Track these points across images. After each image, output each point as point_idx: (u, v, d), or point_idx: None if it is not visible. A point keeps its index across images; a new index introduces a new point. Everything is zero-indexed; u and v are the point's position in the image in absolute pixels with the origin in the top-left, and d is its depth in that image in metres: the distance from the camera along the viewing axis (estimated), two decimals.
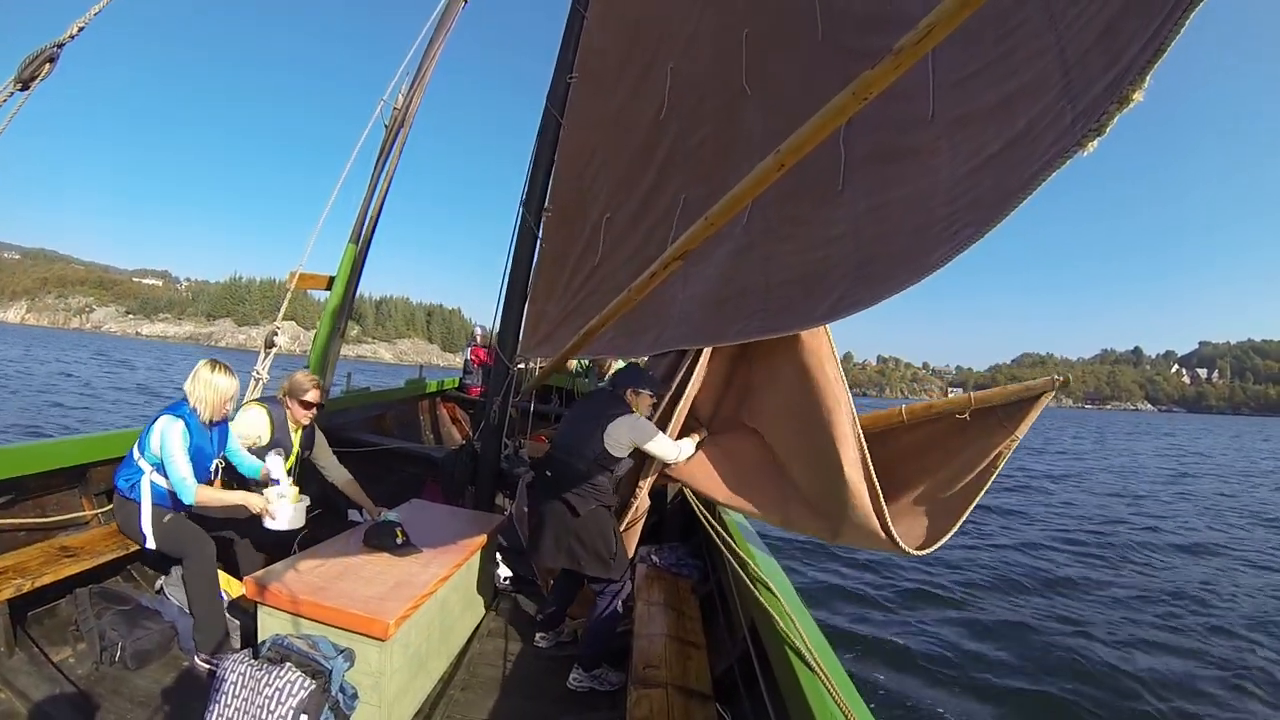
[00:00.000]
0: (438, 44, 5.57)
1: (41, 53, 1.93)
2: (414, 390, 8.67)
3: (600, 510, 3.50)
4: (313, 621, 2.74)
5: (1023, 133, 1.21)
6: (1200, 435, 63.59)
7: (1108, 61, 1.01)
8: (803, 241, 2.05)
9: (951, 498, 2.76)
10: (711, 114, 3.00)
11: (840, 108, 1.28)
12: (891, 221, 1.64)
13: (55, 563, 3.10)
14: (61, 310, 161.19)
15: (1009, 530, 11.98)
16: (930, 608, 7.61)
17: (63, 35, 1.97)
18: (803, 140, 1.40)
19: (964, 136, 1.42)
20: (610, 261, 3.67)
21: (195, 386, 3.34)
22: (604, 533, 3.47)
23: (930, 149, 1.54)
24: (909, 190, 1.60)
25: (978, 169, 1.32)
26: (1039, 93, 1.18)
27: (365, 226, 5.34)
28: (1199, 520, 14.45)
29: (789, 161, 1.45)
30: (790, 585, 3.13)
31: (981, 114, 1.38)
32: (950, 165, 1.44)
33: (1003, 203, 1.16)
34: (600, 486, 3.48)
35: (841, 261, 1.78)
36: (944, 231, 1.34)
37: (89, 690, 2.90)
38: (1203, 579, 9.38)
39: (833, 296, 1.77)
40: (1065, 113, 1.07)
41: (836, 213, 1.89)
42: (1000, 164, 1.26)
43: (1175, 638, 6.96)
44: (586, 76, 4.31)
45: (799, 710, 2.14)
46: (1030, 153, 1.15)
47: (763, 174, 1.51)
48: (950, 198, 1.39)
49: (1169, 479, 22.94)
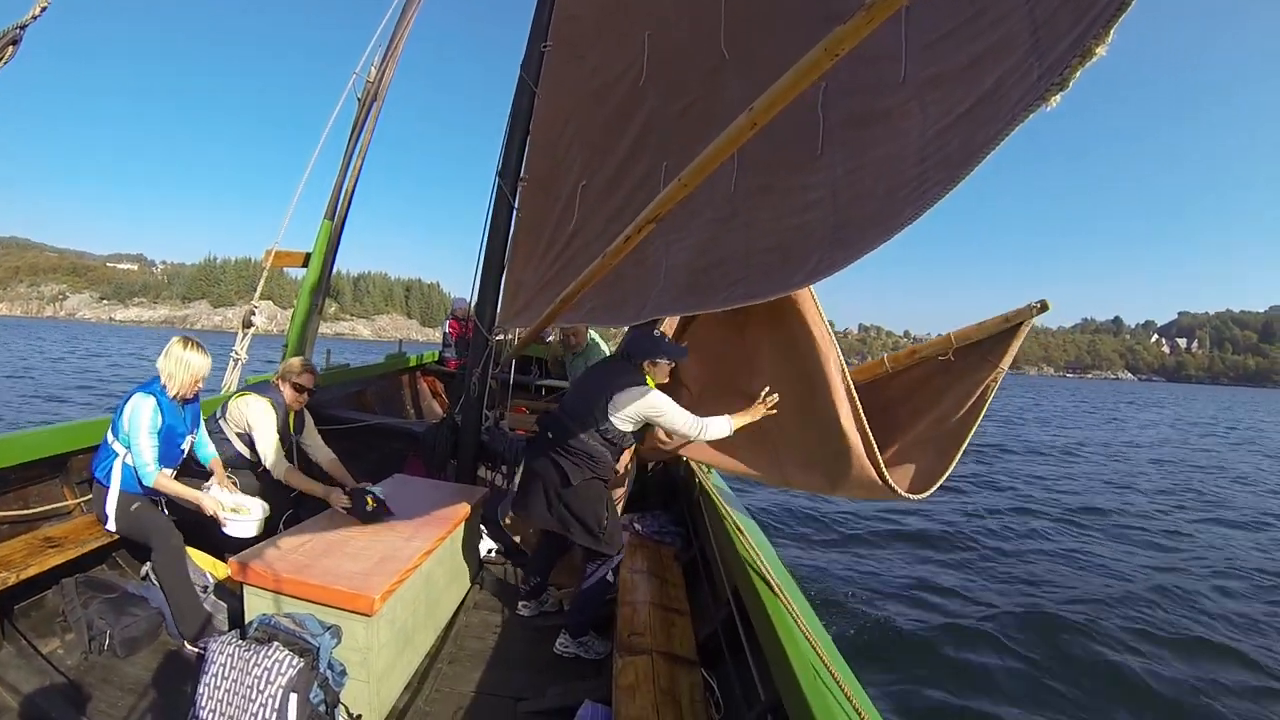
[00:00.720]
0: (409, 15, 5.46)
1: (4, 35, 1.85)
2: (394, 365, 8.61)
3: (594, 483, 3.41)
4: (299, 600, 2.74)
5: (990, 90, 1.21)
6: (1189, 404, 63.89)
7: (1075, 18, 1.01)
8: (782, 208, 2.05)
9: (942, 438, 2.82)
10: (693, 82, 2.97)
11: (812, 64, 1.27)
12: (865, 184, 1.63)
13: (40, 554, 3.07)
14: (34, 299, 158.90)
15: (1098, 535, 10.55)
16: (916, 567, 7.75)
17: (25, 16, 1.90)
18: (774, 98, 1.38)
19: (934, 98, 1.42)
20: (587, 229, 3.65)
21: (167, 363, 3.34)
22: (595, 506, 3.39)
23: (902, 111, 1.53)
24: (882, 153, 1.60)
25: (947, 128, 1.32)
26: (1007, 51, 1.17)
27: (341, 202, 5.27)
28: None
29: (761, 120, 1.44)
30: (773, 550, 3.17)
31: (952, 74, 1.38)
32: (921, 126, 1.43)
33: (968, 159, 1.17)
34: (598, 459, 3.37)
35: (819, 226, 1.78)
36: (913, 192, 1.34)
37: (79, 680, 2.89)
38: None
39: (811, 261, 1.78)
40: (1032, 69, 1.07)
41: (814, 178, 1.89)
42: (968, 122, 1.26)
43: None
44: (561, 44, 4.24)
45: (782, 673, 2.18)
46: (997, 110, 1.15)
47: (735, 133, 1.49)
48: (920, 158, 1.39)
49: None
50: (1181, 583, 7.56)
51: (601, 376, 3.48)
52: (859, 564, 7.79)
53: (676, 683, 2.64)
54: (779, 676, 2.24)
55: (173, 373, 3.33)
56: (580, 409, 3.41)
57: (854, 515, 9.81)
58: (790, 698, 2.08)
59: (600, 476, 3.41)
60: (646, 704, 2.47)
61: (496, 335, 4.70)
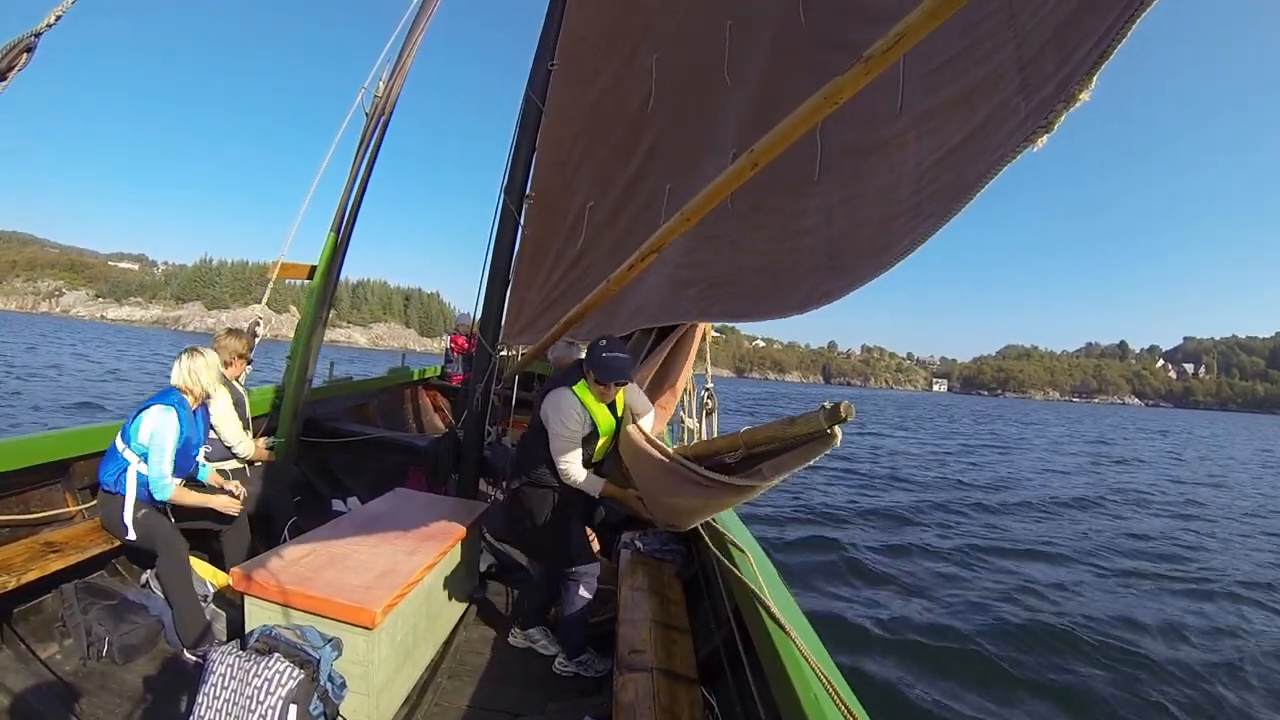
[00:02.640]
0: (418, 31, 5.53)
1: (19, 42, 1.85)
2: (397, 379, 8.64)
3: (529, 490, 3.40)
4: (300, 611, 2.75)
5: (980, 125, 1.24)
6: (1202, 429, 62.11)
7: (1059, 60, 1.05)
8: (776, 230, 2.08)
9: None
10: (695, 106, 3.04)
11: (811, 110, 1.31)
12: (861, 214, 1.67)
13: (40, 559, 3.08)
14: (30, 294, 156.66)
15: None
16: (920, 595, 7.63)
17: (40, 24, 1.90)
18: (774, 141, 1.43)
19: (929, 129, 1.45)
20: (592, 252, 3.71)
21: (182, 374, 3.37)
22: (534, 514, 3.39)
23: (898, 142, 1.57)
24: (878, 183, 1.63)
25: (940, 160, 1.36)
26: (996, 87, 1.21)
27: (346, 216, 5.32)
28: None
29: (762, 161, 1.49)
30: (773, 569, 3.15)
31: (946, 106, 1.41)
32: (916, 157, 1.47)
33: (961, 194, 1.20)
34: (535, 462, 3.35)
35: (812, 252, 1.81)
36: (908, 224, 1.38)
37: (77, 685, 2.90)
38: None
39: (804, 287, 1.81)
40: (1020, 108, 1.11)
41: (810, 203, 1.92)
42: (960, 156, 1.29)
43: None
44: (567, 63, 4.30)
45: (783, 690, 2.17)
46: (986, 145, 1.18)
47: (736, 173, 1.54)
48: (915, 189, 1.42)
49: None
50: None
51: (549, 381, 3.48)
52: (864, 587, 7.74)
53: (677, 700, 2.61)
54: (779, 694, 2.22)
55: (189, 385, 3.37)
56: (534, 418, 3.44)
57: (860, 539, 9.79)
58: (790, 715, 2.07)
59: (538, 483, 3.37)
60: None
61: (501, 351, 4.73)
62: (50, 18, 1.95)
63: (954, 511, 12.50)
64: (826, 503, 12.01)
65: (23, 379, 21.38)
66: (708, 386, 4.59)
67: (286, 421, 5.01)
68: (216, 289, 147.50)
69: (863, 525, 10.56)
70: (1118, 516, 13.48)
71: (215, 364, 3.46)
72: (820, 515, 10.92)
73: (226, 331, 4.25)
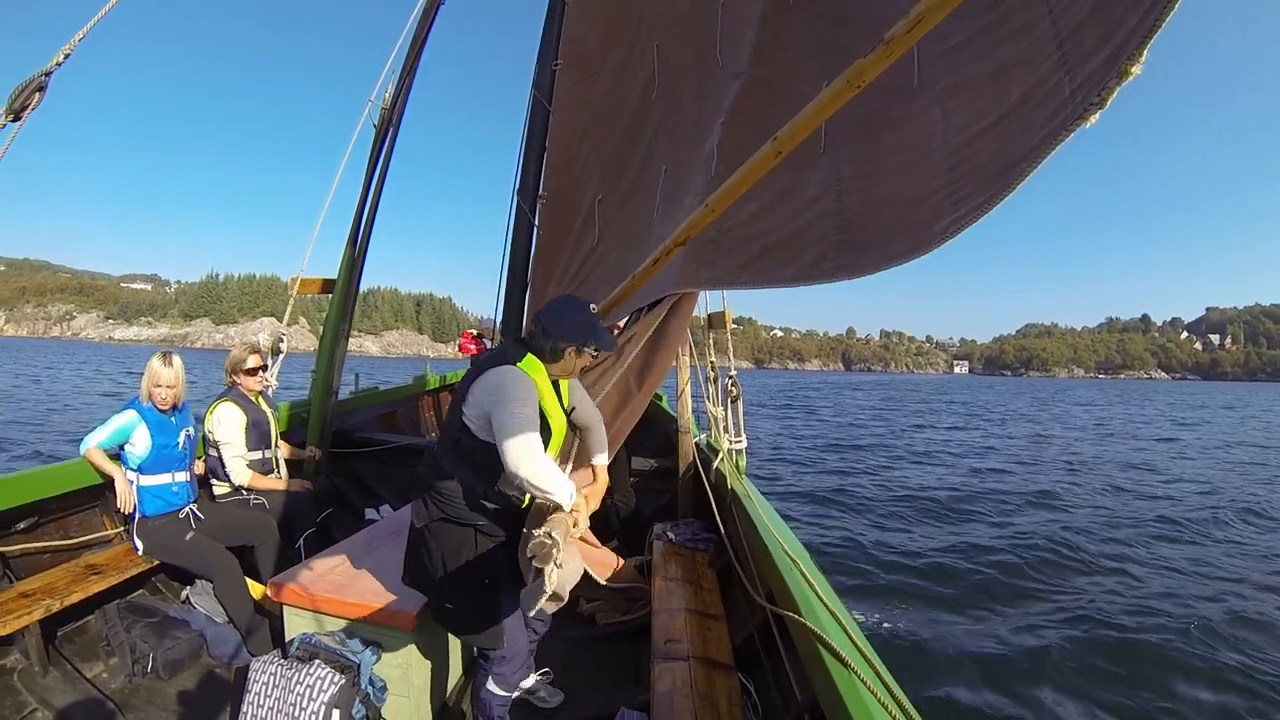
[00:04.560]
0: (420, 41, 5.55)
1: (31, 82, 1.93)
2: (422, 385, 8.73)
3: (447, 527, 2.42)
4: (338, 618, 2.79)
5: (1018, 103, 1.22)
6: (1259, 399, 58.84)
7: (1103, 35, 1.02)
8: (770, 202, 2.07)
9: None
10: (690, 88, 3.06)
11: (835, 94, 1.30)
12: (880, 190, 1.65)
13: (82, 581, 3.17)
14: (41, 319, 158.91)
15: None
16: (952, 583, 7.40)
17: (50, 63, 1.97)
18: (798, 128, 1.42)
19: (955, 106, 1.44)
20: (605, 242, 3.72)
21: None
22: (444, 563, 2.42)
23: (922, 118, 1.55)
24: (903, 159, 1.61)
25: (974, 139, 1.34)
26: (1032, 64, 1.19)
27: (362, 229, 5.35)
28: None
29: (786, 149, 1.48)
30: (807, 554, 3.16)
31: (973, 83, 1.40)
32: (944, 134, 1.45)
33: (1007, 173, 1.18)
34: (450, 489, 2.40)
35: (817, 223, 1.79)
36: (945, 201, 1.35)
37: (124, 702, 2.97)
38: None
39: (805, 258, 1.79)
40: (1063, 85, 1.09)
41: (812, 176, 1.91)
42: (999, 134, 1.27)
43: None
44: (571, 62, 4.31)
45: (819, 673, 2.16)
46: (1029, 124, 1.16)
47: (760, 161, 1.53)
48: (949, 166, 1.40)
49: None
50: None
51: (472, 372, 2.43)
52: (906, 571, 7.64)
53: (714, 687, 2.63)
54: (815, 677, 2.22)
55: (143, 384, 3.49)
56: (450, 418, 2.45)
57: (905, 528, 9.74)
58: (827, 698, 2.07)
59: (456, 519, 2.40)
60: (684, 709, 2.46)
61: None
62: (59, 56, 2.00)
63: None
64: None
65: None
66: (731, 375, 4.60)
67: (314, 434, 5.07)
68: (224, 304, 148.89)
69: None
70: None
71: (158, 371, 3.48)
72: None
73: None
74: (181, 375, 3.55)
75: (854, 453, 18.47)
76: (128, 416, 3.40)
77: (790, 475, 14.17)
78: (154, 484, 3.44)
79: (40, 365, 46.77)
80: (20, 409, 20.37)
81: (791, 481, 13.39)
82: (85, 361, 57.45)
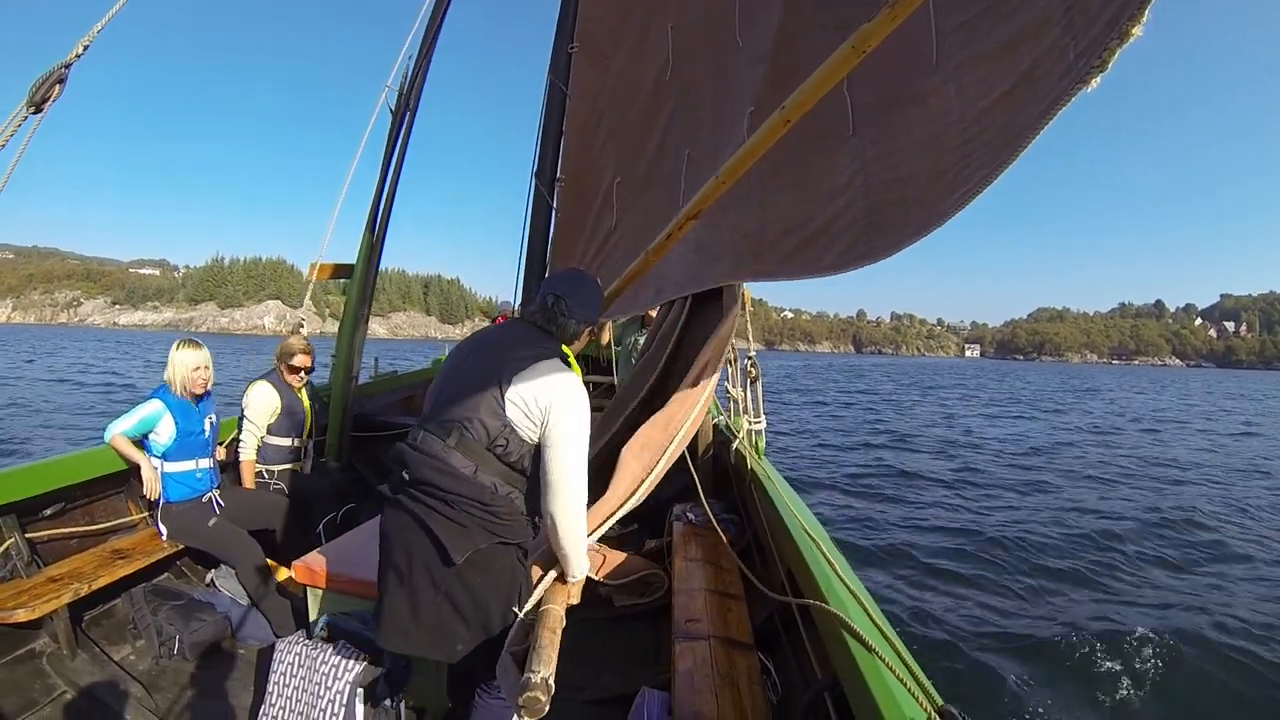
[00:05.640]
0: (435, 27, 5.56)
1: (51, 74, 1.93)
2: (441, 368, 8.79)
3: (498, 549, 1.98)
4: (361, 599, 2.81)
5: (1027, 72, 1.23)
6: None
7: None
8: (806, 189, 2.07)
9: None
10: (710, 69, 3.04)
11: (840, 61, 1.32)
12: (903, 169, 1.66)
13: (109, 566, 3.25)
14: (48, 306, 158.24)
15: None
16: (973, 565, 7.37)
17: (69, 55, 1.97)
18: (805, 96, 1.43)
19: (971, 79, 1.44)
20: (625, 225, 3.74)
21: (168, 367, 3.58)
22: (502, 593, 2.03)
23: (938, 93, 1.56)
24: (920, 136, 1.62)
25: (987, 111, 1.35)
26: (1041, 31, 1.20)
27: (380, 214, 5.39)
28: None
29: (794, 117, 1.49)
30: (826, 534, 3.17)
31: (988, 55, 1.40)
32: (960, 108, 1.46)
33: (1013, 143, 1.19)
34: (500, 503, 1.95)
35: (848, 208, 1.80)
36: (958, 175, 1.37)
37: (151, 684, 3.04)
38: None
39: (839, 246, 1.80)
40: (1069, 50, 1.10)
41: (842, 160, 1.91)
42: (1008, 104, 1.28)
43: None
44: (586, 45, 4.33)
45: (838, 651, 2.18)
46: (1036, 91, 1.17)
47: (769, 130, 1.55)
48: (962, 140, 1.42)
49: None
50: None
51: (487, 352, 2.10)
52: (923, 553, 7.64)
53: (734, 667, 2.65)
54: (835, 655, 2.23)
55: (169, 376, 3.56)
56: (456, 412, 1.98)
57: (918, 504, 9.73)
58: (847, 675, 2.08)
59: (506, 538, 1.98)
60: (705, 688, 2.48)
61: None
62: (79, 48, 2.01)
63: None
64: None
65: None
66: (750, 355, 4.62)
67: (335, 419, 5.14)
68: (229, 288, 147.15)
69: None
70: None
71: (182, 360, 3.56)
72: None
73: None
74: (210, 357, 3.68)
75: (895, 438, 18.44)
76: (153, 406, 3.46)
77: (813, 456, 14.28)
78: (178, 470, 3.51)
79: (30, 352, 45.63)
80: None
81: (815, 463, 13.49)
82: (82, 347, 56.49)
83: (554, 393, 1.92)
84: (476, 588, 1.95)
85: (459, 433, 1.94)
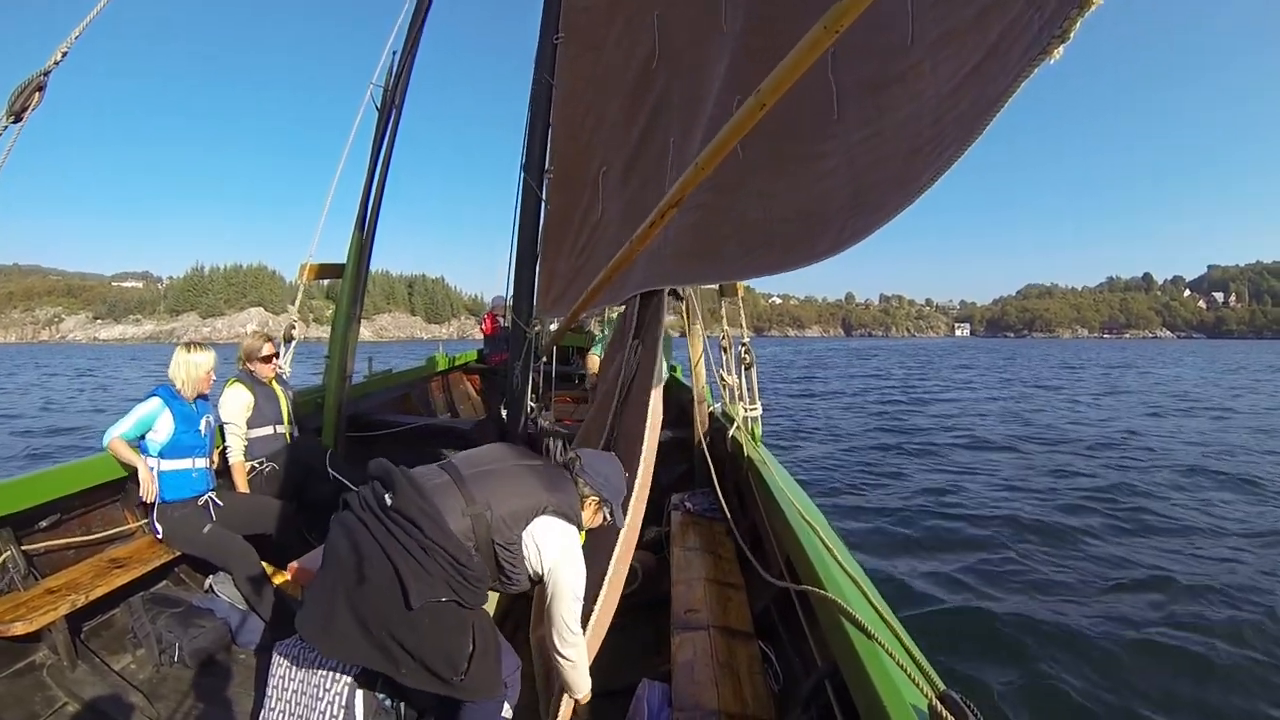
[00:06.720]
0: (419, 23, 5.53)
1: (30, 83, 1.92)
2: (434, 367, 8.80)
3: (452, 609, 2.01)
4: None
5: (994, 44, 1.24)
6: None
7: None
8: (799, 176, 2.07)
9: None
10: (694, 57, 3.04)
11: (813, 41, 1.32)
12: (884, 149, 1.67)
13: (106, 575, 3.24)
14: (29, 324, 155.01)
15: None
16: (973, 550, 7.30)
17: (48, 62, 1.96)
18: (780, 79, 1.44)
19: (945, 55, 1.46)
20: (610, 214, 3.75)
21: (175, 369, 3.63)
22: (450, 638, 2.02)
23: (916, 71, 1.56)
24: (900, 115, 1.63)
25: (959, 87, 1.37)
26: (1008, 3, 1.21)
27: (369, 213, 5.38)
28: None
29: (770, 101, 1.49)
30: (826, 521, 3.19)
31: (960, 30, 1.41)
32: (934, 86, 1.47)
33: (981, 116, 1.21)
34: (473, 566, 2.03)
35: (838, 192, 1.81)
36: (932, 152, 1.38)
37: (152, 693, 3.06)
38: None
39: (832, 230, 1.81)
40: (1033, 21, 1.11)
41: (829, 145, 1.91)
42: (978, 78, 1.30)
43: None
44: (573, 35, 4.32)
45: (838, 638, 2.18)
46: (1003, 65, 1.19)
47: (745, 115, 1.55)
48: (936, 117, 1.43)
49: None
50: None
51: (537, 471, 2.32)
52: (923, 540, 7.61)
53: (734, 656, 2.68)
54: (835, 642, 2.23)
55: (183, 378, 3.61)
56: (487, 498, 2.15)
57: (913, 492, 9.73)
58: (847, 662, 2.08)
59: (465, 601, 2.02)
60: (705, 678, 2.51)
61: (534, 328, 4.79)
62: (57, 54, 1.99)
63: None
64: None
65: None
66: (744, 343, 4.64)
67: (330, 420, 5.15)
68: (210, 297, 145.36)
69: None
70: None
71: (188, 360, 3.63)
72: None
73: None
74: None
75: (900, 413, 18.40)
76: (152, 404, 3.48)
77: (819, 443, 14.23)
78: (174, 469, 3.52)
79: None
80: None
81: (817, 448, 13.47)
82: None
83: (555, 547, 2.17)
84: (425, 631, 1.96)
85: (478, 512, 2.11)
